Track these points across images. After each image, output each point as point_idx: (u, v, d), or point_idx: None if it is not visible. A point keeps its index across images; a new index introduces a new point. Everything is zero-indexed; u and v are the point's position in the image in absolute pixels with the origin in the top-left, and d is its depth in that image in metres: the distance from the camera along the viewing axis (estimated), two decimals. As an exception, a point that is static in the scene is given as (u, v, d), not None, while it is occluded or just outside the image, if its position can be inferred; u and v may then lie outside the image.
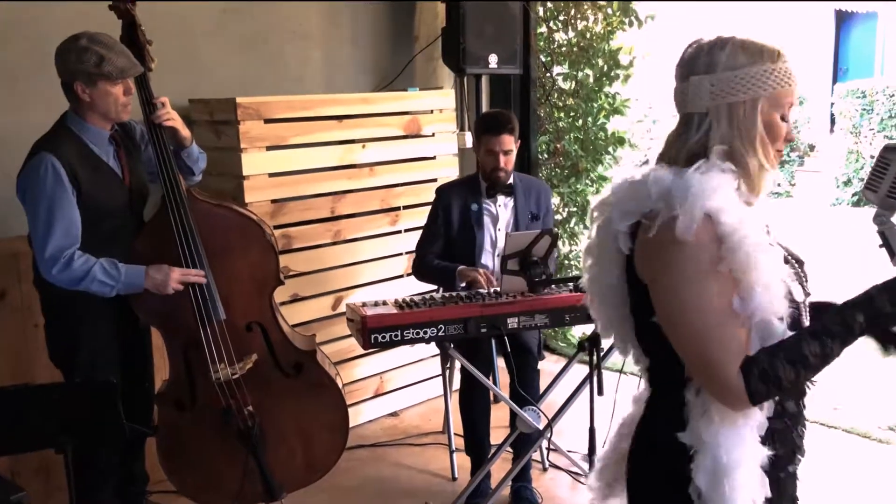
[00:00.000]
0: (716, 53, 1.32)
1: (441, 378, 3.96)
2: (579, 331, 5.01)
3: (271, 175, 3.49)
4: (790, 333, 1.27)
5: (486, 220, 3.20)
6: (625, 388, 1.99)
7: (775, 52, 1.33)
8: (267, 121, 3.46)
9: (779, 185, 10.11)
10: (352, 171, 3.80)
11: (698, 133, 1.34)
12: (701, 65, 1.33)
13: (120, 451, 2.71)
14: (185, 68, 3.51)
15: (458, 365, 3.80)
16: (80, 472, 2.47)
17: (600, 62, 4.81)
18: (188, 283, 2.53)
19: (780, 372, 1.24)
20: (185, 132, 2.66)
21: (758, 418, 1.32)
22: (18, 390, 2.21)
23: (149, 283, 2.47)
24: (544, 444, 3.34)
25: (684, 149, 1.35)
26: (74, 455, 2.31)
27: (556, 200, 4.82)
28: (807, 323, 1.36)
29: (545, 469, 3.40)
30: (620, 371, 2.82)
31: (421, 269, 3.27)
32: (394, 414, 4.04)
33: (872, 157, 10.16)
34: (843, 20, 12.16)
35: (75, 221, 2.41)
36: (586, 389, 2.79)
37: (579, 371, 3.00)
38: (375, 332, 2.65)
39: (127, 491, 2.90)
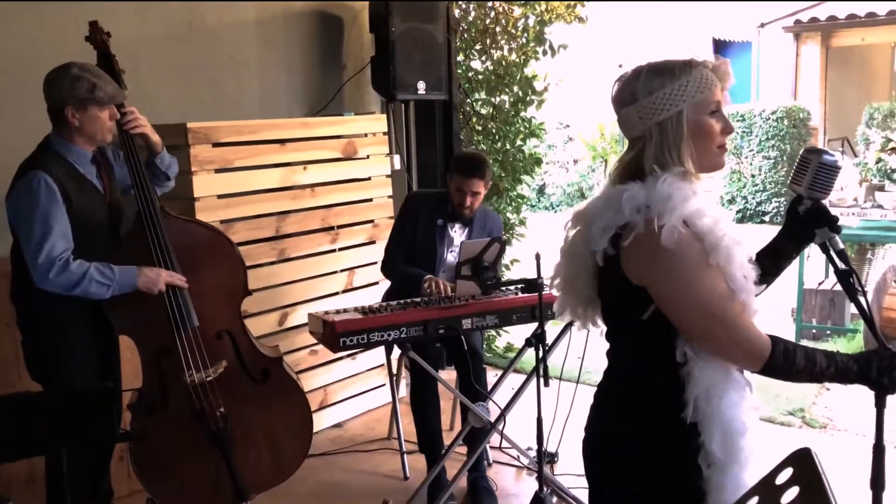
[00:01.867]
0: (634, 84, 1.63)
1: (385, 387, 4.26)
2: (503, 342, 5.41)
3: (220, 196, 3.71)
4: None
5: (445, 238, 3.52)
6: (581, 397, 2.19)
7: (686, 65, 1.62)
8: (215, 144, 3.68)
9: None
10: (294, 191, 4.05)
11: (633, 153, 1.65)
12: (626, 97, 1.64)
13: (97, 461, 2.86)
14: (130, 95, 3.68)
15: (403, 372, 4.12)
16: (61, 481, 2.62)
17: (516, 88, 5.25)
18: (174, 285, 2.74)
19: (797, 358, 1.56)
20: (155, 137, 2.89)
21: (744, 383, 1.62)
22: (17, 398, 2.35)
23: (142, 280, 2.66)
24: (493, 440, 3.67)
25: (622, 167, 1.66)
26: (60, 463, 2.47)
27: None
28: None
29: (489, 465, 3.72)
30: (577, 381, 3.21)
31: (390, 269, 3.55)
32: (338, 425, 4.28)
33: (790, 162, 11.09)
34: (720, 48, 13.26)
35: (69, 231, 2.58)
36: (532, 383, 3.14)
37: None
38: (344, 336, 2.93)
39: (94, 505, 3.02)
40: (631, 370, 1.71)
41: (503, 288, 3.19)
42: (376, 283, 4.34)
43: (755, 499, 1.17)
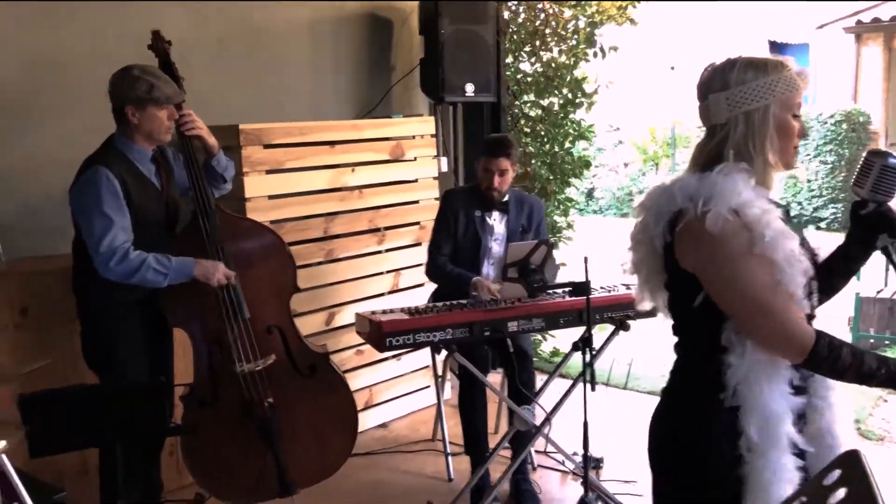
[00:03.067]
0: (728, 73, 1.68)
1: (430, 389, 4.31)
2: (549, 346, 5.41)
3: (270, 197, 3.80)
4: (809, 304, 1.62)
5: (485, 227, 3.59)
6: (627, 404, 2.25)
7: (778, 64, 1.69)
8: (266, 146, 3.78)
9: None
10: (342, 193, 4.13)
11: (716, 140, 1.70)
12: (717, 84, 1.69)
13: (147, 455, 2.96)
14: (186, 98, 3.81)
15: (449, 375, 4.16)
16: (114, 473, 2.72)
17: (565, 90, 5.26)
18: (229, 281, 2.84)
19: (843, 354, 1.57)
20: (211, 140, 3.01)
21: (788, 375, 1.63)
22: (73, 391, 2.45)
23: (200, 271, 2.78)
24: (537, 443, 3.69)
25: (703, 154, 1.71)
26: (114, 455, 2.57)
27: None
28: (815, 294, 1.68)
29: (534, 468, 3.74)
30: (624, 388, 3.22)
31: (435, 272, 3.61)
32: (383, 425, 4.34)
33: (812, 176, 10.94)
34: (776, 51, 13.07)
35: (129, 223, 2.70)
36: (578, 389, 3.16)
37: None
38: (391, 336, 2.98)
39: (146, 499, 3.13)
40: (684, 359, 1.77)
41: (550, 291, 3.20)
42: (422, 284, 4.38)
43: (802, 499, 1.18)
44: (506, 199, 3.58)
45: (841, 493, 1.16)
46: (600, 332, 3.25)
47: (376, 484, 3.68)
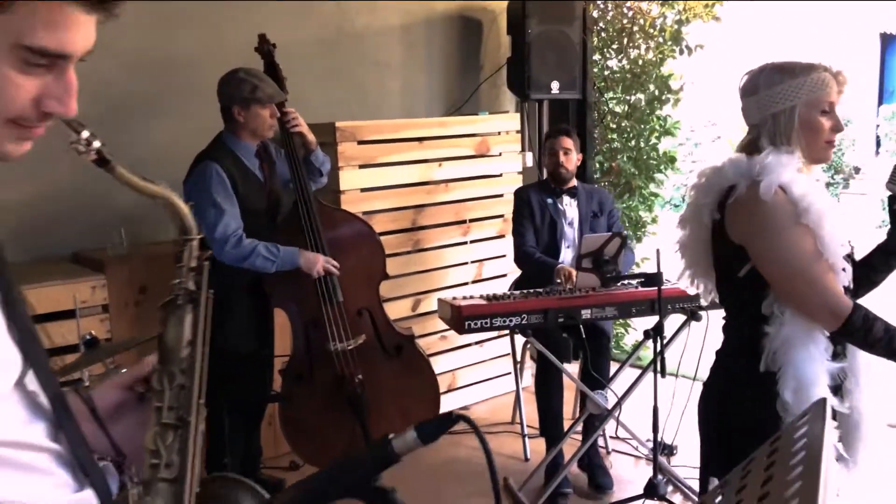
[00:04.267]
0: (757, 78, 1.89)
1: (510, 375, 4.53)
2: (631, 339, 5.55)
3: (363, 190, 4.11)
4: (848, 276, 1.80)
5: (559, 212, 3.84)
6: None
7: (807, 67, 1.86)
8: (360, 142, 4.09)
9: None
10: (430, 186, 4.40)
11: (751, 137, 1.92)
12: (750, 88, 1.91)
13: (250, 422, 3.31)
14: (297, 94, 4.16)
15: (528, 362, 4.38)
16: (221, 437, 3.07)
17: (652, 87, 5.37)
18: (329, 272, 3.16)
19: (876, 327, 1.75)
20: (310, 137, 3.35)
21: (824, 344, 1.80)
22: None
23: (303, 260, 3.12)
24: (609, 430, 3.87)
25: (740, 148, 1.93)
26: (222, 420, 2.91)
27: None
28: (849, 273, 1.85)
29: (608, 452, 3.92)
30: (694, 378, 3.36)
31: (524, 259, 3.84)
32: (464, 408, 4.60)
33: None
34: (888, 43, 12.61)
35: (238, 211, 3.06)
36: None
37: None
38: (469, 320, 3.23)
39: (245, 463, 3.48)
40: (728, 331, 1.96)
41: (623, 281, 3.38)
42: (504, 275, 4.62)
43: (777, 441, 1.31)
44: (574, 183, 3.82)
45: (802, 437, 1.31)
46: (673, 323, 3.40)
47: (456, 460, 3.94)
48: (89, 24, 0.87)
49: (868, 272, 1.91)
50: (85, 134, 0.94)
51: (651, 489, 3.25)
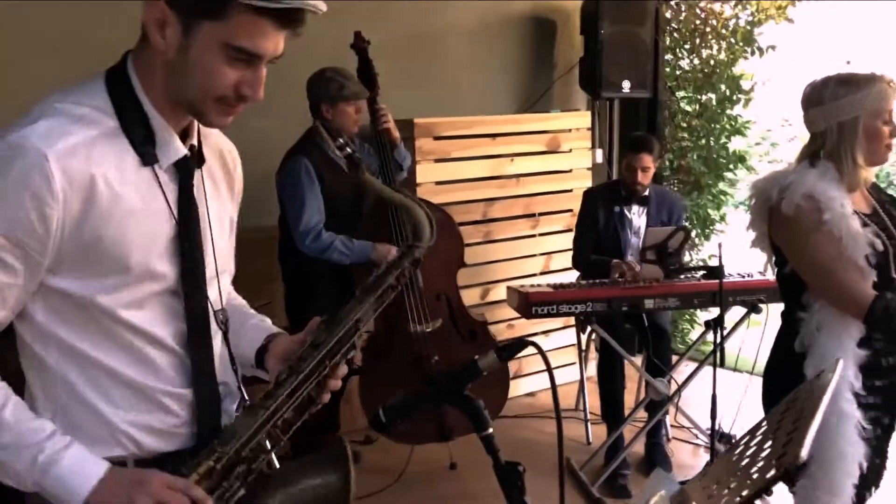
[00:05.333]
0: (822, 91, 2.11)
1: (575, 365, 4.74)
2: (696, 334, 5.67)
3: (438, 183, 4.38)
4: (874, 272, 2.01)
5: (625, 221, 3.98)
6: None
7: (869, 78, 2.07)
8: (436, 137, 4.36)
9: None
10: (501, 181, 4.65)
11: (815, 145, 2.14)
12: (814, 100, 2.12)
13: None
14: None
15: (592, 353, 4.59)
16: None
17: (723, 87, 5.50)
18: None
19: None
20: (395, 133, 3.64)
21: (856, 332, 2.02)
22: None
23: (375, 254, 3.40)
24: (669, 419, 4.06)
25: (805, 155, 2.16)
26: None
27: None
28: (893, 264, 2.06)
29: (668, 440, 4.11)
30: (751, 372, 3.53)
31: (581, 262, 4.06)
32: (530, 394, 4.84)
33: None
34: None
35: (322, 206, 3.36)
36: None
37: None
38: (536, 305, 3.47)
39: (323, 432, 3.79)
40: (783, 312, 2.22)
41: (686, 274, 3.57)
42: (570, 268, 4.82)
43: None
44: (646, 193, 3.95)
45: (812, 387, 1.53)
46: (732, 315, 3.57)
47: (522, 441, 4.18)
48: (279, 37, 1.24)
49: None
50: (339, 142, 1.41)
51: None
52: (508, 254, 4.72)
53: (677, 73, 5.64)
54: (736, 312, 3.71)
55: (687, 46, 5.61)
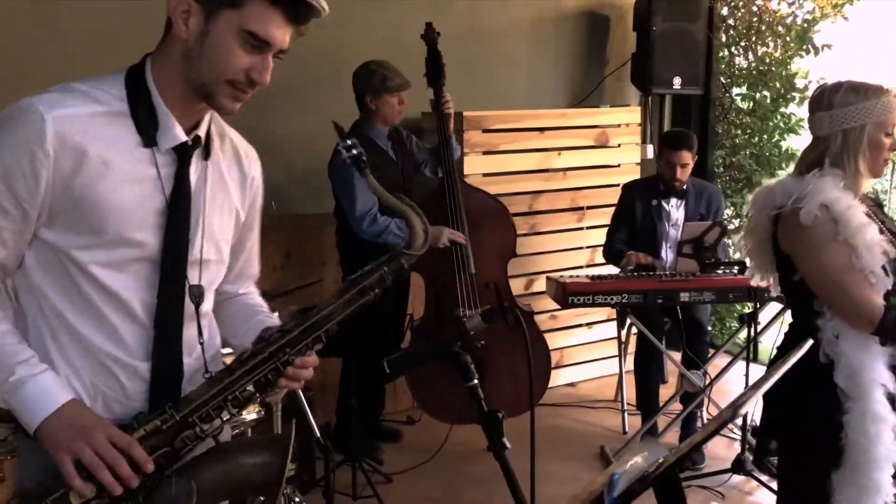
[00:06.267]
0: (833, 95, 2.14)
1: (615, 358, 4.86)
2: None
3: (485, 175, 4.55)
4: (891, 280, 2.04)
5: (663, 215, 4.09)
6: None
7: (878, 89, 2.12)
8: (485, 130, 4.53)
9: None
10: (548, 174, 4.79)
11: (818, 150, 2.17)
12: (823, 103, 2.16)
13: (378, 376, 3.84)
14: (420, 86, 4.63)
15: (631, 347, 4.70)
16: (349, 384, 3.59)
17: (777, 85, 5.52)
18: (455, 241, 3.64)
19: None
20: (450, 124, 3.83)
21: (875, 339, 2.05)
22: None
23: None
24: (704, 412, 4.16)
25: (807, 160, 2.19)
26: (352, 368, 3.43)
27: (729, 211, 5.57)
28: None
29: (704, 433, 4.21)
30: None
31: (609, 252, 4.21)
32: (571, 384, 4.99)
33: None
34: None
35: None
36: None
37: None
38: (573, 295, 3.62)
39: (369, 410, 4.01)
40: (794, 321, 2.26)
41: (722, 268, 3.66)
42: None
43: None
44: (685, 186, 4.05)
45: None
46: (769, 311, 3.65)
47: (560, 428, 4.34)
48: (286, 30, 1.42)
49: None
50: (348, 142, 1.56)
51: (738, 465, 3.54)
52: (553, 246, 4.86)
53: (733, 70, 5.67)
54: (773, 308, 3.80)
55: (743, 44, 5.64)
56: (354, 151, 1.55)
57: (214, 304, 1.60)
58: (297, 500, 2.83)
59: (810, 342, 1.63)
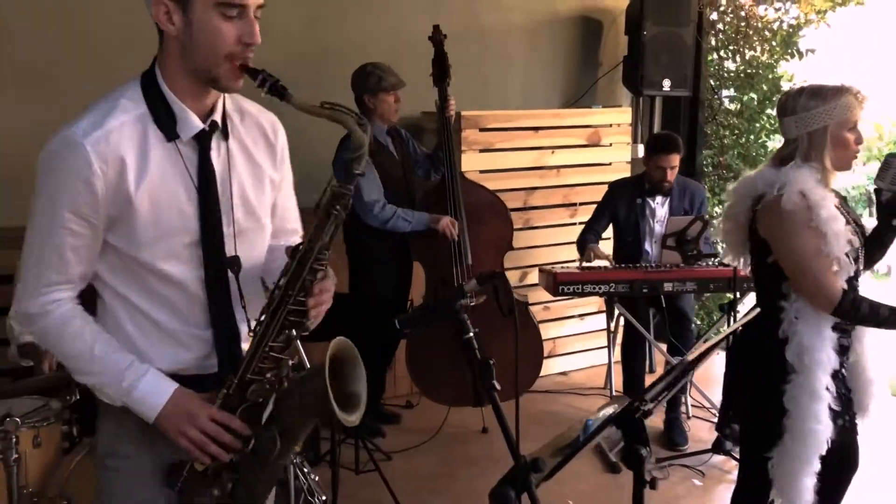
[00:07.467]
0: (795, 100, 2.37)
1: (604, 350, 5.13)
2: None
3: (481, 171, 4.81)
4: (853, 267, 2.30)
5: (647, 212, 4.35)
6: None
7: (838, 91, 2.34)
8: (481, 129, 4.79)
9: None
10: (542, 171, 5.05)
11: (788, 149, 2.41)
12: (788, 109, 2.40)
13: (381, 359, 4.11)
14: (419, 86, 4.88)
15: (620, 335, 4.97)
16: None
17: (764, 87, 5.80)
18: (449, 233, 3.91)
19: (862, 307, 2.26)
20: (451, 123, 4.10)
21: (830, 320, 2.30)
22: (339, 296, 3.61)
23: (433, 221, 3.92)
24: (689, 399, 4.42)
25: (779, 157, 2.43)
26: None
27: (718, 209, 5.84)
28: (861, 258, 2.36)
29: (689, 417, 4.47)
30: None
31: (578, 241, 4.47)
32: (563, 373, 5.25)
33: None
34: None
35: (379, 181, 3.88)
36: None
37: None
38: (563, 284, 3.89)
39: (373, 393, 4.27)
40: (759, 299, 2.51)
41: (704, 260, 3.93)
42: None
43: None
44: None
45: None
46: (749, 301, 3.91)
47: (551, 413, 4.60)
48: None
49: (867, 252, 2.41)
50: (263, 77, 1.54)
51: (718, 445, 3.81)
52: (547, 240, 5.12)
53: (722, 73, 5.94)
54: (753, 298, 4.06)
55: (731, 48, 5.91)
56: (268, 81, 1.54)
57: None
58: (305, 470, 3.08)
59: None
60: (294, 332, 1.60)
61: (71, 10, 4.07)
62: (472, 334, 1.64)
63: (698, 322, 5.62)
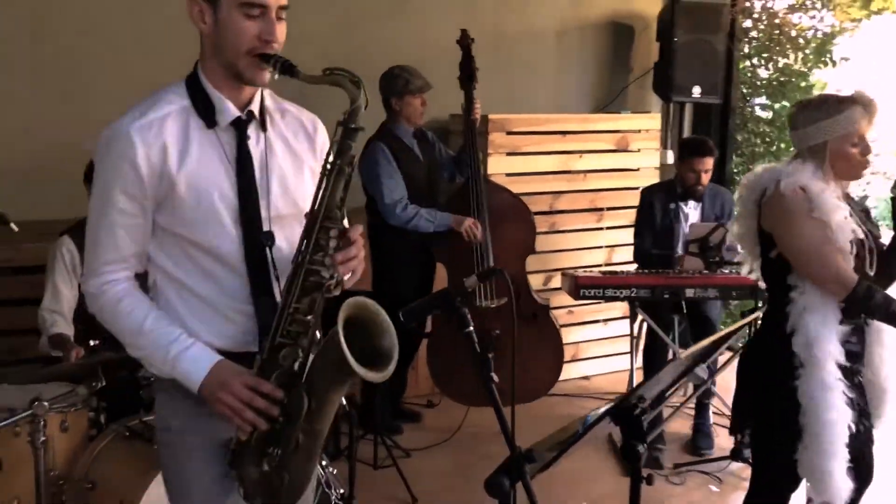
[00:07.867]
0: (800, 115, 2.41)
1: (627, 355, 5.14)
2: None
3: (508, 175, 4.86)
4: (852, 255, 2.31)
5: (681, 217, 4.36)
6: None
7: (843, 103, 2.34)
8: (509, 132, 4.84)
9: None
10: (569, 175, 5.09)
11: (796, 160, 2.44)
12: (793, 123, 2.45)
13: (402, 358, 4.17)
14: (448, 90, 4.94)
15: (643, 341, 4.98)
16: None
17: (797, 95, 5.76)
18: (471, 234, 3.96)
19: (876, 296, 2.28)
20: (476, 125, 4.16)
21: (837, 311, 2.32)
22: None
23: (455, 222, 3.97)
24: (711, 408, 4.42)
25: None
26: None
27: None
28: (873, 250, 2.36)
29: (711, 424, 4.46)
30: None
31: (640, 256, 4.43)
32: (585, 378, 5.27)
33: None
34: None
35: (402, 182, 3.95)
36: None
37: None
38: (584, 288, 3.92)
39: (392, 391, 4.32)
40: (769, 299, 2.55)
41: (727, 267, 3.93)
42: (632, 261, 5.21)
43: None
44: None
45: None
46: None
47: (571, 417, 4.57)
48: None
49: (886, 267, 2.41)
50: (274, 60, 1.65)
51: (736, 453, 3.81)
52: (572, 244, 5.15)
53: (756, 81, 5.92)
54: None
55: (764, 55, 5.89)
56: (279, 62, 1.65)
57: None
58: (323, 463, 3.15)
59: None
60: (315, 293, 1.66)
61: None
62: (471, 328, 1.69)
63: (721, 328, 5.58)
